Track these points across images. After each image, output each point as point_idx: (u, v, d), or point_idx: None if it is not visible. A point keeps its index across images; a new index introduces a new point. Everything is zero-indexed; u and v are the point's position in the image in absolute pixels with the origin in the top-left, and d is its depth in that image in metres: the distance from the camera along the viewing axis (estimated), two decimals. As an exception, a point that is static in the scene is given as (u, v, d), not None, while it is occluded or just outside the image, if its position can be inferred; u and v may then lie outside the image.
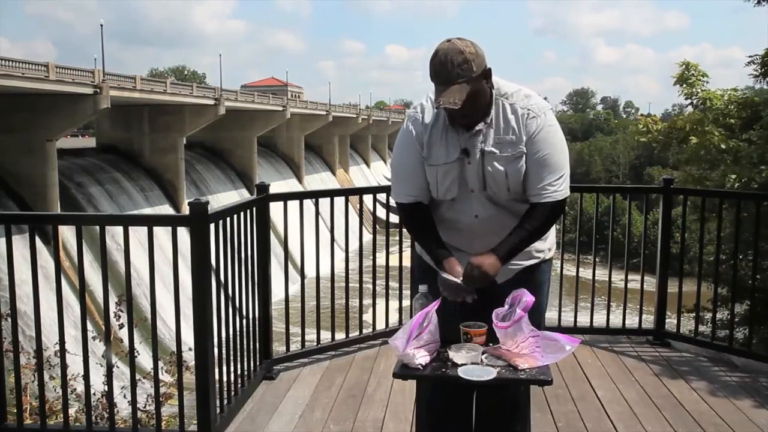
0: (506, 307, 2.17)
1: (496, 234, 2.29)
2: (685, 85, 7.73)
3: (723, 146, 7.00)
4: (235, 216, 3.25)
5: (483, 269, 2.17)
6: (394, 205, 4.47)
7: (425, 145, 2.28)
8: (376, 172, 64.88)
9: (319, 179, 49.21)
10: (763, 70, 7.44)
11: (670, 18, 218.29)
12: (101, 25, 30.53)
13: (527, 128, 2.22)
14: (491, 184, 2.25)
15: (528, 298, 2.14)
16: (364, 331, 4.32)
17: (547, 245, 2.45)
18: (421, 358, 2.12)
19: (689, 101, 7.81)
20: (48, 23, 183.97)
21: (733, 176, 6.41)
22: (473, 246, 2.33)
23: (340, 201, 4.21)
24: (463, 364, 2.10)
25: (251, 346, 3.55)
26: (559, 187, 2.26)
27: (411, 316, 2.18)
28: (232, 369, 3.23)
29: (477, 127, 2.22)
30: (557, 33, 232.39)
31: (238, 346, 3.37)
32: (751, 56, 7.65)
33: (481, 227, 2.31)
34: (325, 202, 4.04)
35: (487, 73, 2.17)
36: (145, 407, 4.00)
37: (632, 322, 4.58)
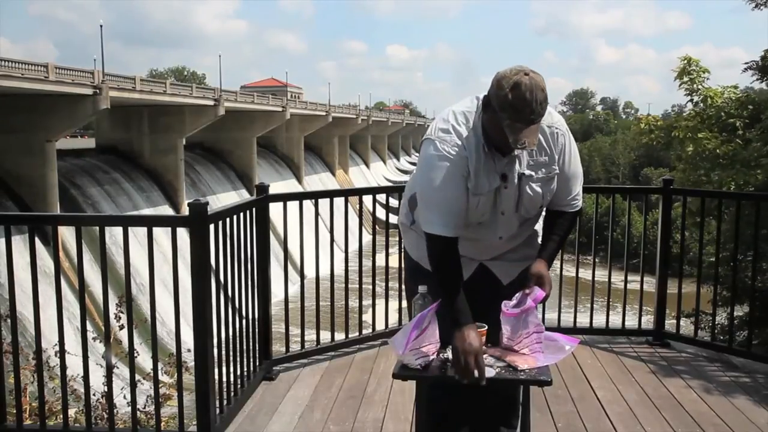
0: (514, 301, 2.17)
1: (510, 246, 2.37)
2: (686, 80, 7.70)
3: (718, 151, 7.04)
4: (235, 216, 3.25)
5: (548, 276, 2.25)
6: (395, 204, 4.46)
7: (473, 176, 2.16)
8: (376, 172, 64.92)
9: (318, 180, 49.24)
10: (762, 74, 7.46)
11: (672, 18, 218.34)
12: (101, 26, 30.68)
13: (557, 149, 2.25)
14: (526, 204, 2.26)
15: (539, 292, 2.17)
16: (364, 331, 4.32)
17: (538, 243, 2.48)
18: (421, 358, 2.12)
19: (689, 98, 7.80)
20: (50, 24, 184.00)
21: (731, 181, 6.45)
22: (483, 256, 2.39)
23: (339, 201, 4.21)
24: None
25: (251, 347, 3.54)
26: (580, 195, 2.39)
27: (411, 317, 2.19)
28: (231, 370, 3.23)
29: (513, 154, 2.20)
30: (559, 33, 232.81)
31: (238, 347, 3.37)
32: (747, 62, 7.69)
33: (501, 244, 2.36)
34: (324, 203, 4.04)
35: None
36: (144, 408, 4.00)
37: (632, 322, 4.57)
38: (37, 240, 2.87)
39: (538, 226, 2.46)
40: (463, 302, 2.16)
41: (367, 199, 4.71)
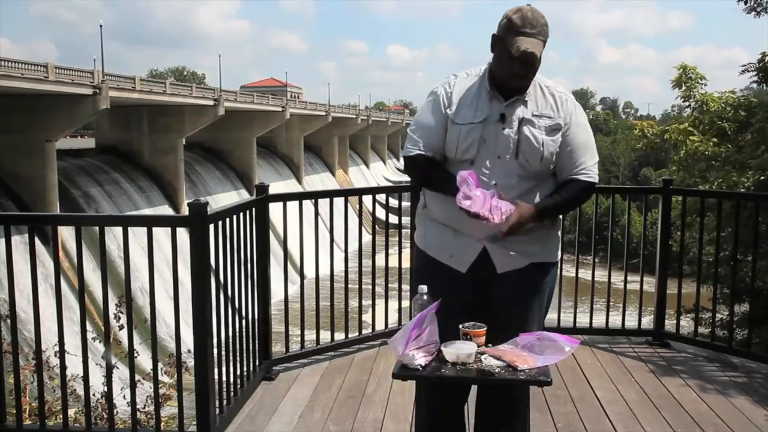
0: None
1: None
2: (684, 88, 7.82)
3: (708, 153, 7.12)
4: (235, 216, 3.25)
5: (520, 210, 2.21)
6: (393, 205, 4.46)
7: (455, 105, 2.32)
8: (376, 172, 64.89)
9: (318, 180, 49.22)
10: (759, 76, 7.53)
11: (673, 18, 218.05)
12: (101, 26, 30.59)
13: (565, 111, 2.32)
14: (525, 151, 2.28)
15: (506, 204, 2.16)
16: (364, 331, 4.31)
17: (553, 246, 2.46)
18: (421, 358, 2.12)
19: (687, 104, 7.91)
20: (51, 24, 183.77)
21: (721, 182, 6.53)
22: (483, 228, 2.27)
23: (339, 201, 4.21)
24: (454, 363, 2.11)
25: (251, 347, 3.54)
26: (595, 170, 2.38)
27: (410, 317, 2.19)
28: (231, 370, 3.23)
29: (516, 97, 2.29)
30: (560, 33, 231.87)
31: (238, 347, 3.37)
32: (744, 65, 7.76)
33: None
34: (324, 203, 4.04)
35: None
36: (144, 408, 4.00)
37: (632, 322, 4.58)
38: (36, 240, 2.87)
39: (551, 235, 2.43)
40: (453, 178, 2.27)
41: (367, 199, 4.71)
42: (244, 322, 3.46)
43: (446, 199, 2.32)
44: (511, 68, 2.23)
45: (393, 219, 4.63)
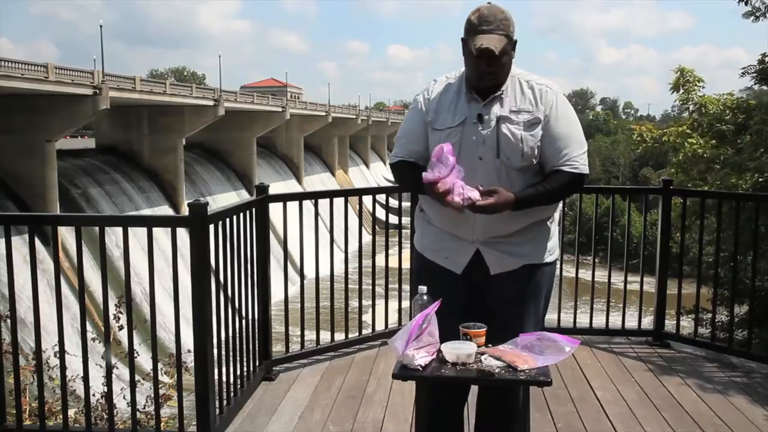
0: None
1: (506, 227, 2.30)
2: (682, 91, 7.84)
3: (706, 155, 7.14)
4: (235, 217, 3.26)
5: (499, 195, 2.18)
6: (393, 205, 4.46)
7: (433, 111, 2.35)
8: (376, 172, 64.89)
9: (318, 180, 49.22)
10: (760, 77, 7.54)
11: (675, 18, 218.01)
12: (101, 26, 30.58)
13: (545, 102, 2.30)
14: (505, 149, 2.27)
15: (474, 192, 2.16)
16: (364, 332, 4.31)
17: (548, 246, 2.45)
18: (421, 359, 2.11)
19: (685, 107, 7.92)
20: (52, 24, 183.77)
21: (719, 184, 6.54)
22: (474, 230, 2.32)
23: (339, 202, 4.21)
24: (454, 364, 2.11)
25: (251, 347, 3.55)
26: (581, 160, 2.32)
27: (410, 317, 2.19)
28: (231, 370, 3.23)
29: (492, 96, 2.28)
30: (560, 33, 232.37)
31: (238, 347, 3.37)
32: (744, 68, 7.76)
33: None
34: (324, 203, 4.04)
35: (514, 44, 2.26)
36: (144, 408, 4.00)
37: (632, 322, 4.58)
38: (36, 240, 2.87)
39: (546, 235, 2.42)
40: None
41: (367, 200, 4.71)
42: (244, 322, 3.46)
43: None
44: (478, 67, 2.24)
45: (393, 219, 4.63)
